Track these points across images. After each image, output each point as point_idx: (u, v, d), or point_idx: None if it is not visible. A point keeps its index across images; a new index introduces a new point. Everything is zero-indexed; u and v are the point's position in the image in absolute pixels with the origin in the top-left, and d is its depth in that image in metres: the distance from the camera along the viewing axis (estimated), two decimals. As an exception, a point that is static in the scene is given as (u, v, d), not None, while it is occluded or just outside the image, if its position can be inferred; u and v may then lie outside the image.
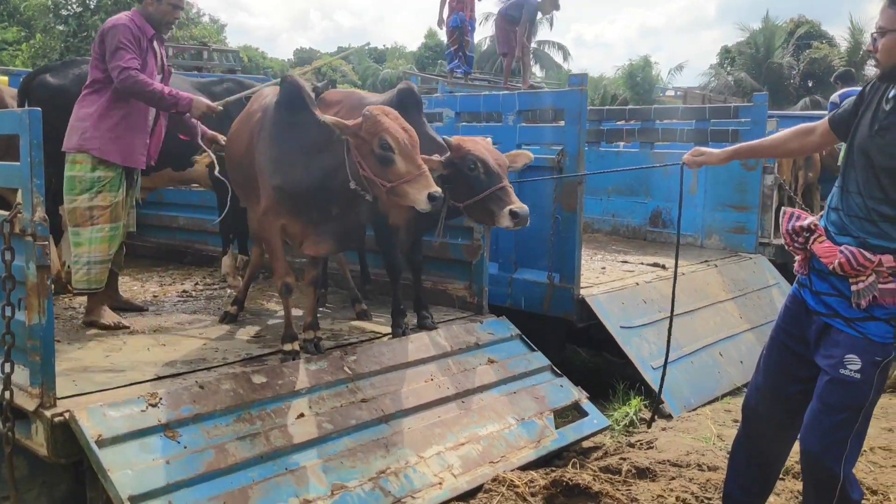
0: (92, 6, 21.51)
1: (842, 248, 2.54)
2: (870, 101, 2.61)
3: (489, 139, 4.19)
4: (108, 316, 4.33)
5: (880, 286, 2.49)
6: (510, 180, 4.09)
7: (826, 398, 2.56)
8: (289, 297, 3.83)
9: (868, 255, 2.50)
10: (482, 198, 3.88)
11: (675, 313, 5.42)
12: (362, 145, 3.44)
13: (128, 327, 4.30)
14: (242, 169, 4.09)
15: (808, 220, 2.70)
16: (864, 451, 3.81)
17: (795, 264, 2.79)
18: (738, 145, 3.20)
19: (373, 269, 5.22)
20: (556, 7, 11.69)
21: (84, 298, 4.86)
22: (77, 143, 4.17)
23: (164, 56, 4.49)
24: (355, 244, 4.08)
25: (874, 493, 3.52)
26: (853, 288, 2.52)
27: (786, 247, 2.80)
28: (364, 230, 4.11)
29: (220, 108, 4.43)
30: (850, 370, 2.52)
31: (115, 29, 4.13)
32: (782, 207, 2.91)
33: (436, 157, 3.86)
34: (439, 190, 3.37)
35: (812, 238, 2.66)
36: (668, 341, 4.31)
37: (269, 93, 4.18)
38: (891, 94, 2.53)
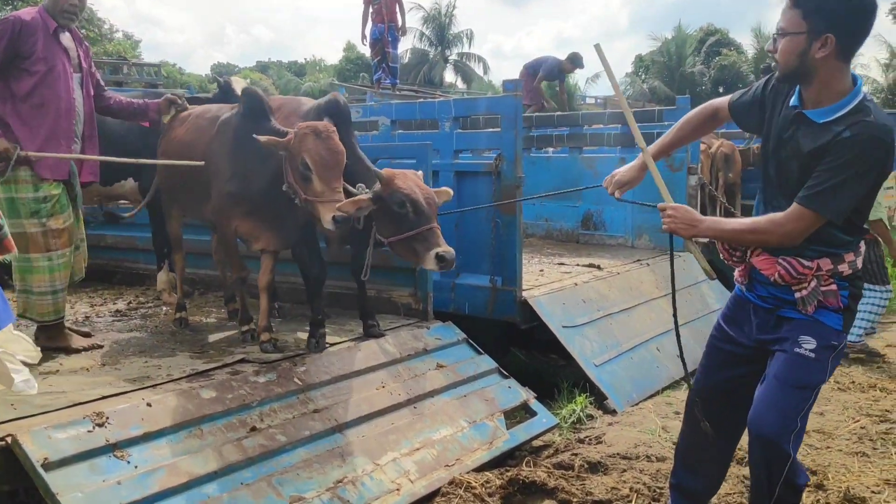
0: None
1: (779, 259, 2.55)
2: (773, 104, 2.59)
3: (420, 173, 4.07)
4: (76, 339, 4.15)
5: (822, 289, 2.51)
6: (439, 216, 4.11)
7: (781, 375, 2.54)
8: (243, 287, 4.32)
9: (805, 262, 2.51)
10: (409, 237, 3.80)
11: (611, 312, 5.62)
12: (291, 158, 3.69)
13: (101, 346, 4.18)
14: (191, 177, 4.17)
15: None
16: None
17: (736, 273, 2.78)
18: (643, 152, 2.95)
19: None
20: (579, 65, 11.41)
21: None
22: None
23: (85, 55, 4.14)
24: (294, 240, 4.19)
25: (814, 473, 3.67)
26: (797, 295, 2.54)
27: (725, 261, 2.78)
28: (300, 228, 4.11)
29: None
30: (805, 349, 2.51)
31: None
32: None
33: (364, 195, 3.79)
34: (345, 214, 3.58)
35: (749, 251, 2.67)
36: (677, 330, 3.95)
37: (215, 108, 4.39)
38: (791, 103, 2.50)
